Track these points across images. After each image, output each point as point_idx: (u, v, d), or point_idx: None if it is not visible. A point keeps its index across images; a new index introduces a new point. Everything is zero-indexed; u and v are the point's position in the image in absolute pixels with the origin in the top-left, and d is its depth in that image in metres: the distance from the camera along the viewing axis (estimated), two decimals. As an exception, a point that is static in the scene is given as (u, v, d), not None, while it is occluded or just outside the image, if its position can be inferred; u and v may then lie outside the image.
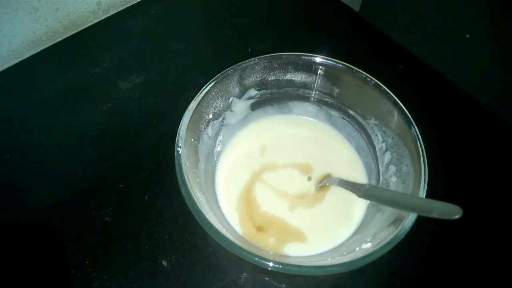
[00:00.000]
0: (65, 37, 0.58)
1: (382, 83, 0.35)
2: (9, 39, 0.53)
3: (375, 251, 0.27)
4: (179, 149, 0.31)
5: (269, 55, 0.38)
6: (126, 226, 0.40)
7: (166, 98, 0.51)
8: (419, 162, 0.30)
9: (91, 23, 0.60)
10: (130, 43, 0.58)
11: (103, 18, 0.61)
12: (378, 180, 0.37)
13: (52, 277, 0.38)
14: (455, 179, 0.44)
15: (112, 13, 0.61)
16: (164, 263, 0.38)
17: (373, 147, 0.38)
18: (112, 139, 0.48)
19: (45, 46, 0.57)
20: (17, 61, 0.55)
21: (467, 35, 0.62)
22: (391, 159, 0.36)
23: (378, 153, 0.38)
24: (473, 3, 0.60)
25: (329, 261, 0.29)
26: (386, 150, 0.36)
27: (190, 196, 0.29)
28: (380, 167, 0.37)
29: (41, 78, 0.53)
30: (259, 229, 0.35)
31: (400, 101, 0.34)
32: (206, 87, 0.35)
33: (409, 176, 0.32)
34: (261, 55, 0.37)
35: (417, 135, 0.32)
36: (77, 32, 0.59)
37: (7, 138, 0.48)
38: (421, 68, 0.54)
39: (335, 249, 0.33)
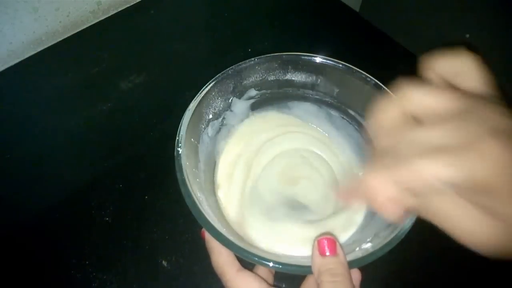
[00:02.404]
0: (65, 37, 0.58)
1: (382, 83, 0.35)
2: (9, 39, 0.53)
3: (375, 251, 0.27)
4: (179, 149, 0.31)
5: (269, 55, 0.38)
6: (126, 226, 0.40)
7: (166, 98, 0.51)
8: None
9: (91, 23, 0.60)
10: (130, 43, 0.58)
11: (103, 18, 0.61)
12: None
13: (52, 277, 0.38)
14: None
15: (112, 13, 0.61)
16: (164, 263, 0.38)
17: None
18: (112, 139, 0.48)
19: (45, 46, 0.57)
20: (17, 61, 0.55)
21: (467, 35, 0.62)
22: None
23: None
24: (473, 3, 0.60)
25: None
26: None
27: (190, 196, 0.29)
28: None
29: (41, 78, 0.53)
30: None
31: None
32: (206, 87, 0.35)
33: None
34: (261, 55, 0.37)
35: None
36: (77, 32, 0.59)
37: (7, 138, 0.48)
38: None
39: None
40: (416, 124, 0.21)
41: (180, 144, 0.31)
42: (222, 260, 0.29)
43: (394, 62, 0.54)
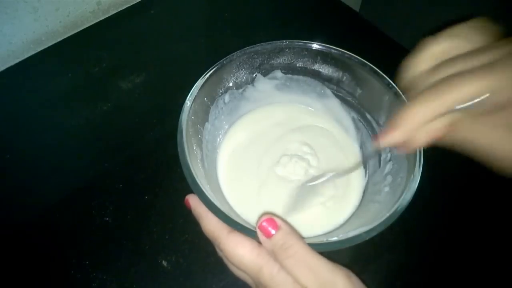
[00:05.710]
0: (65, 37, 0.58)
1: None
2: (9, 39, 0.53)
3: (333, 242, 0.27)
4: (188, 101, 0.31)
5: (301, 41, 0.38)
6: (126, 226, 0.40)
7: (166, 98, 0.51)
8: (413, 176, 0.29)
9: (91, 23, 0.60)
10: (130, 43, 0.58)
11: (103, 18, 0.61)
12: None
13: (52, 277, 0.38)
14: (453, 178, 0.44)
15: (112, 13, 0.61)
16: (164, 263, 0.38)
17: (379, 155, 0.37)
18: (112, 139, 0.48)
19: (45, 46, 0.57)
20: (17, 61, 0.55)
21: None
22: (391, 169, 0.35)
23: (382, 163, 0.37)
24: (473, 3, 0.60)
25: (324, 240, 0.29)
26: (390, 160, 0.36)
27: (182, 144, 0.28)
28: (379, 175, 0.37)
29: (41, 78, 0.53)
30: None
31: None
32: (231, 56, 0.35)
33: (399, 188, 0.31)
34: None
35: (421, 155, 0.30)
36: (77, 32, 0.59)
37: (7, 138, 0.48)
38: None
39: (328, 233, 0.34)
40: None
41: (190, 98, 0.31)
42: (213, 224, 0.28)
43: (394, 62, 0.54)
